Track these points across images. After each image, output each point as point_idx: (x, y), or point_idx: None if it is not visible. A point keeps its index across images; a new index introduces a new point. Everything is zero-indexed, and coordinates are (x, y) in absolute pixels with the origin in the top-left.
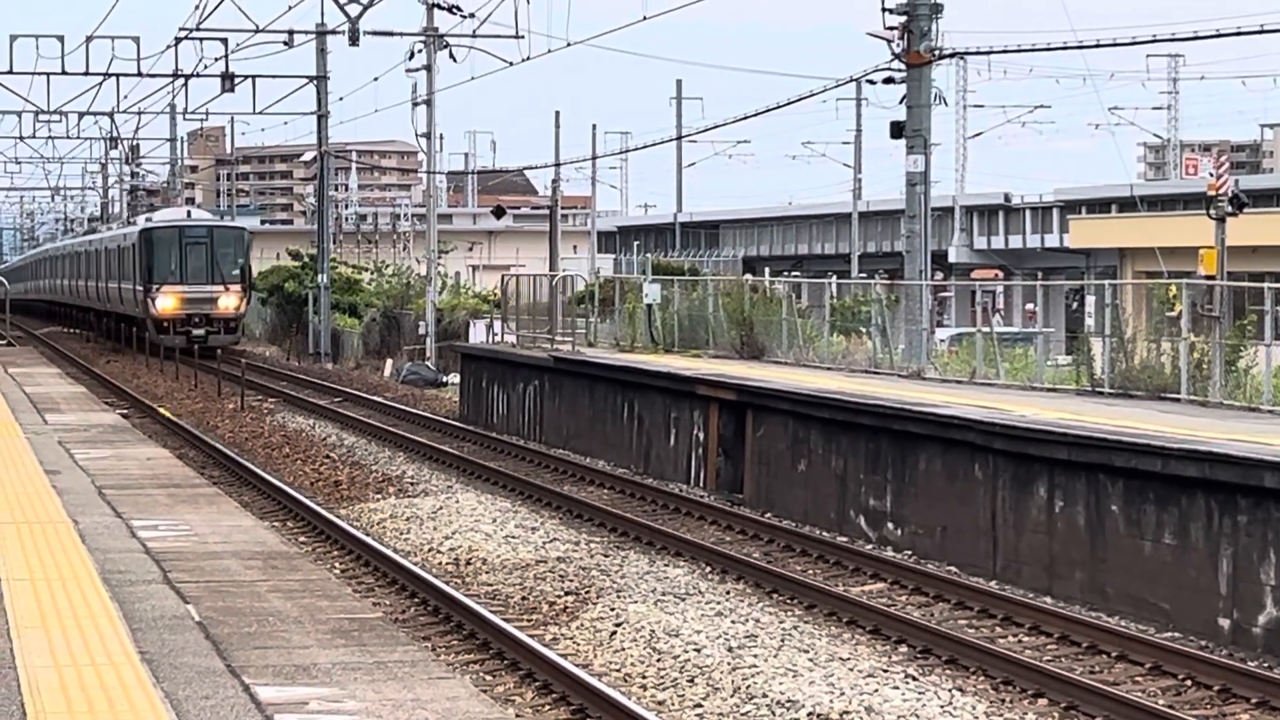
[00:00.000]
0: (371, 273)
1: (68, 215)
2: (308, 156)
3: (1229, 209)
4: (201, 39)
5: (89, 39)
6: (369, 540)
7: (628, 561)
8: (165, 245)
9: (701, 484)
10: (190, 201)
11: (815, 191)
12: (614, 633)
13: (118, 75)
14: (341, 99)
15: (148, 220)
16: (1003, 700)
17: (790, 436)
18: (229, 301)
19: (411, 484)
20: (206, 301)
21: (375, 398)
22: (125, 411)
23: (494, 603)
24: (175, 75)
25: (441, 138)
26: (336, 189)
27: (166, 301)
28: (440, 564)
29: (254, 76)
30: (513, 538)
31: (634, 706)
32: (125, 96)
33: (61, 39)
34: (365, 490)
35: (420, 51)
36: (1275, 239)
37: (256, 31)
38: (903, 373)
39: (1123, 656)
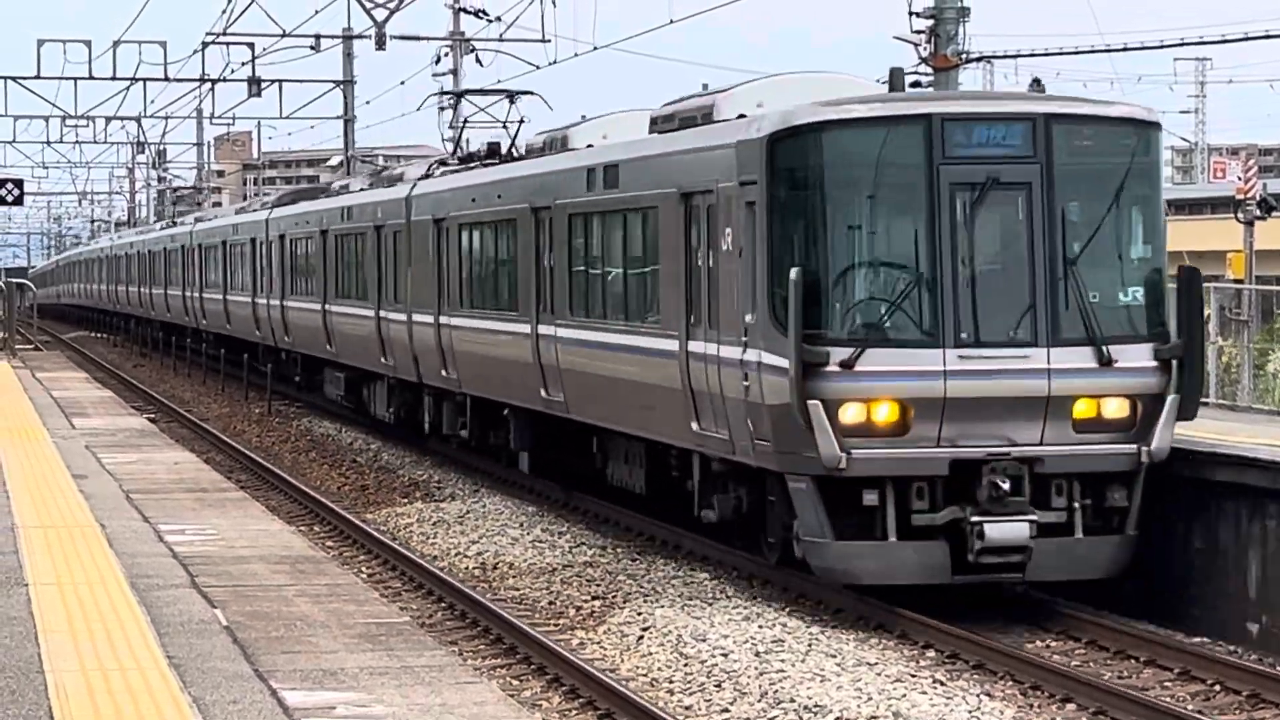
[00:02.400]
0: None
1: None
2: (334, 161)
3: (1257, 213)
4: (228, 44)
5: (116, 44)
6: (396, 545)
7: (654, 566)
8: (856, 192)
9: None
10: (215, 206)
11: None
12: (641, 637)
13: (145, 80)
14: (369, 102)
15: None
16: (1030, 705)
17: None
18: (1116, 404)
19: (438, 488)
20: (1034, 406)
21: None
22: (153, 416)
23: (521, 607)
24: (202, 80)
25: (469, 142)
26: None
27: (876, 411)
28: (467, 568)
29: (280, 81)
30: (539, 542)
31: (661, 711)
32: (152, 101)
33: (89, 44)
34: (392, 495)
35: (446, 55)
36: None
37: (283, 36)
38: None
39: (1151, 661)
